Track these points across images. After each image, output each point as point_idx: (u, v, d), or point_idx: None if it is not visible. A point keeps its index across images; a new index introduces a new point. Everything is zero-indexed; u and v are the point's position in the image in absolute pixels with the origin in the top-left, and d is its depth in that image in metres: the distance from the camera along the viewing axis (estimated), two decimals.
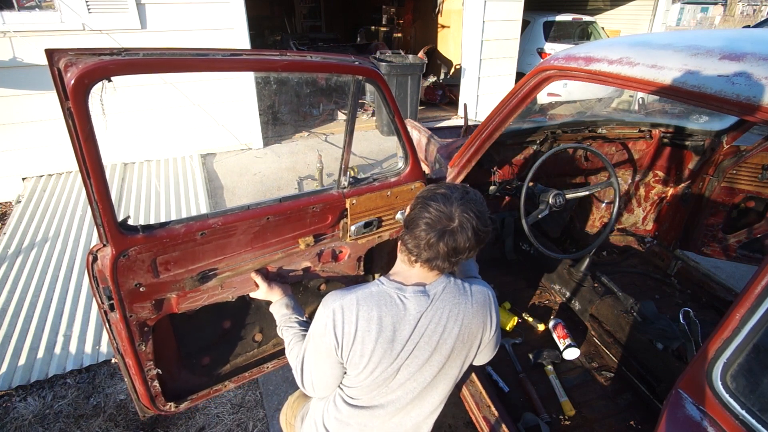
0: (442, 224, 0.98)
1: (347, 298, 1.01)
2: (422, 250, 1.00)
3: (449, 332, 1.05)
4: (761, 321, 0.79)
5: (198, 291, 1.24)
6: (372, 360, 1.01)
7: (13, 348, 2.29)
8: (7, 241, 3.11)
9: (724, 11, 28.90)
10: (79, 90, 0.89)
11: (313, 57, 1.20)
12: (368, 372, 1.02)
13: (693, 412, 0.90)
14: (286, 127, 5.76)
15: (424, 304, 1.03)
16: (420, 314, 1.03)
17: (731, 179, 2.24)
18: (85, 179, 0.97)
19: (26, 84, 3.79)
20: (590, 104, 6.33)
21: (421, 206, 1.01)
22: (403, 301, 1.02)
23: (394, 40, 9.21)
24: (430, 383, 1.09)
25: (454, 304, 1.06)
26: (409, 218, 1.04)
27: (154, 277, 1.15)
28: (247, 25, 4.48)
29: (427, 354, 1.05)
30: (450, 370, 1.11)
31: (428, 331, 1.04)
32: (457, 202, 1.00)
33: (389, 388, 1.07)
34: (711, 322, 1.55)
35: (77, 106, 0.89)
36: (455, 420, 2.08)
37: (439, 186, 1.06)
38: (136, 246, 1.10)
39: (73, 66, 0.88)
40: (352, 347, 1.00)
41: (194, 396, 1.41)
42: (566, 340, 1.91)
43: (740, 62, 0.89)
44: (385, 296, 1.02)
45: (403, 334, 1.01)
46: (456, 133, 2.74)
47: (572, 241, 2.70)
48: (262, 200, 1.30)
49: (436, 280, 1.06)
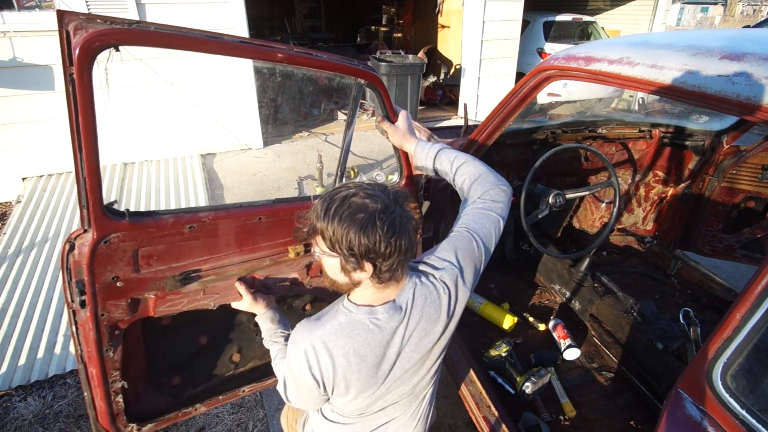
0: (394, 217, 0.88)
1: (316, 336, 0.92)
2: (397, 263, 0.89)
3: (434, 332, 1.01)
4: (761, 321, 0.79)
5: (178, 294, 1.16)
6: (358, 389, 0.97)
7: (13, 348, 2.29)
8: (7, 241, 3.11)
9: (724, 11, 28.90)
10: (86, 54, 0.87)
11: (317, 54, 1.17)
12: (357, 400, 0.99)
13: (693, 412, 0.90)
14: (286, 127, 5.76)
15: (398, 318, 0.95)
16: (397, 330, 0.96)
17: (731, 179, 2.24)
18: (76, 152, 0.92)
19: (26, 84, 3.79)
20: (590, 104, 6.33)
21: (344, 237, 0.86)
22: (377, 324, 0.93)
23: (394, 40, 9.21)
24: (425, 374, 1.08)
25: (429, 304, 0.99)
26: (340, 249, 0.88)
27: (134, 271, 1.08)
28: (247, 25, 4.49)
29: (416, 360, 1.01)
30: (441, 351, 1.09)
31: (411, 342, 0.98)
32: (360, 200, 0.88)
33: (383, 401, 1.05)
34: (711, 322, 1.55)
35: (81, 71, 0.87)
36: (455, 420, 2.08)
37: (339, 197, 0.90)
38: (119, 232, 1.02)
39: (82, 29, 0.86)
40: (334, 382, 0.95)
41: (161, 419, 1.28)
42: (566, 340, 1.91)
43: (740, 62, 0.89)
44: (356, 325, 0.93)
45: (386, 356, 0.96)
46: (456, 133, 2.74)
47: (572, 241, 2.70)
48: (256, 201, 1.24)
49: (402, 288, 0.97)
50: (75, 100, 0.89)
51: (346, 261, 0.88)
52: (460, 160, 1.26)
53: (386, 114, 1.34)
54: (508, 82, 6.53)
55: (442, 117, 6.41)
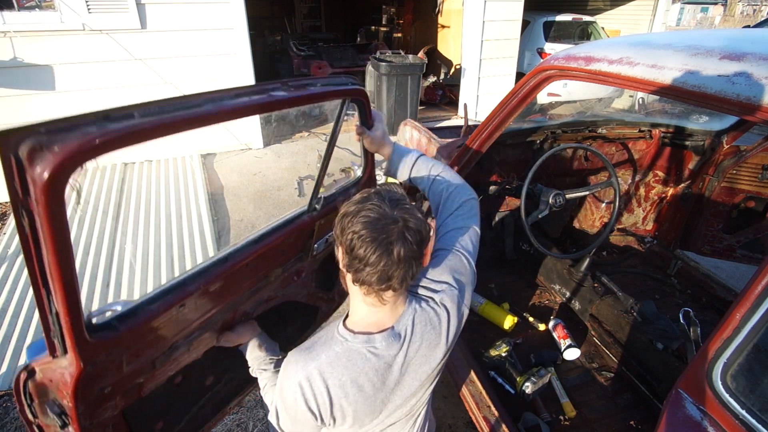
0: (391, 228, 0.84)
1: (311, 368, 0.88)
2: (395, 272, 0.85)
3: (434, 358, 0.98)
4: (761, 321, 0.79)
5: (166, 364, 1.03)
6: (355, 418, 0.93)
7: (13, 348, 2.29)
8: (7, 241, 3.11)
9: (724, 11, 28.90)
10: (57, 186, 0.59)
11: (310, 88, 1.05)
12: (354, 428, 0.96)
13: (693, 412, 0.90)
14: (286, 127, 5.76)
15: (397, 346, 0.92)
16: (396, 359, 0.93)
17: (731, 179, 2.24)
18: (41, 290, 0.66)
19: (26, 84, 3.79)
20: (590, 104, 6.33)
21: (358, 237, 0.85)
22: (375, 353, 0.90)
23: (394, 40, 9.21)
24: (422, 395, 1.05)
25: (429, 330, 0.96)
26: (353, 257, 0.86)
27: (121, 371, 0.91)
28: (247, 25, 4.49)
29: (416, 387, 0.99)
30: (439, 372, 1.07)
31: (411, 369, 0.95)
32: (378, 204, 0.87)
33: (381, 425, 1.02)
34: (711, 322, 1.55)
35: (52, 206, 0.59)
36: (455, 420, 2.08)
37: (351, 202, 0.90)
38: (109, 350, 0.82)
39: (42, 149, 0.58)
40: (332, 414, 0.91)
41: None
42: (566, 340, 1.91)
43: (740, 62, 0.89)
44: (352, 355, 0.90)
45: (385, 385, 0.93)
46: (456, 133, 2.74)
47: (572, 241, 2.70)
48: (239, 244, 1.09)
49: (401, 314, 0.94)
50: (35, 239, 0.62)
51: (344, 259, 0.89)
52: (437, 169, 1.26)
53: (364, 122, 1.29)
54: (508, 82, 6.53)
55: (442, 117, 6.41)
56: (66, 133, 0.60)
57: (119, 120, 0.65)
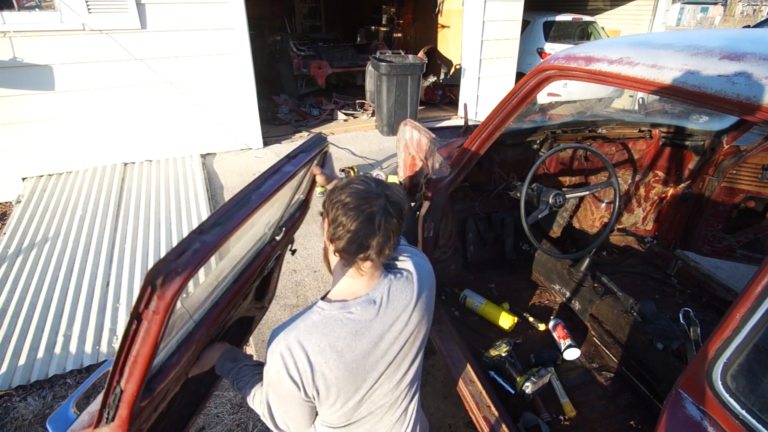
0: (373, 200, 0.92)
1: (290, 338, 0.92)
2: (373, 241, 0.91)
3: (411, 322, 1.03)
4: (761, 321, 0.79)
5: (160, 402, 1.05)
6: (338, 387, 0.96)
7: (13, 348, 2.29)
8: (7, 241, 3.11)
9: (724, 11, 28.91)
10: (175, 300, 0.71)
11: (302, 155, 1.08)
12: (339, 401, 0.98)
13: (693, 412, 0.90)
14: (286, 127, 5.76)
15: (373, 311, 0.97)
16: (373, 324, 0.97)
17: (731, 179, 2.24)
18: (117, 372, 0.77)
19: (26, 84, 3.79)
20: (590, 104, 6.33)
21: (343, 205, 0.93)
22: (351, 318, 0.95)
23: (394, 40, 9.21)
24: (406, 370, 1.08)
25: (404, 296, 1.02)
26: (337, 224, 0.93)
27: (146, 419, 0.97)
28: (247, 25, 4.49)
29: (395, 354, 1.02)
30: (420, 344, 1.11)
31: (389, 335, 0.99)
32: (365, 180, 0.96)
33: (368, 404, 1.04)
34: (711, 322, 1.55)
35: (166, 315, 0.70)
36: (455, 420, 2.07)
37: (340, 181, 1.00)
38: (146, 408, 0.89)
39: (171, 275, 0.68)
40: (314, 383, 0.93)
41: None
42: (566, 340, 1.91)
43: (740, 62, 0.89)
44: (330, 321, 0.94)
45: (363, 350, 0.96)
46: (456, 133, 2.74)
47: (572, 241, 2.70)
48: (224, 285, 1.13)
49: (377, 284, 1.00)
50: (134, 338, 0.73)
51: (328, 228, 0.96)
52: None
53: (321, 163, 1.33)
54: (508, 82, 6.53)
55: (442, 117, 6.41)
56: (181, 258, 0.69)
57: (210, 230, 0.74)
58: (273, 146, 5.12)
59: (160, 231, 3.32)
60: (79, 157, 4.21)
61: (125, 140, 4.36)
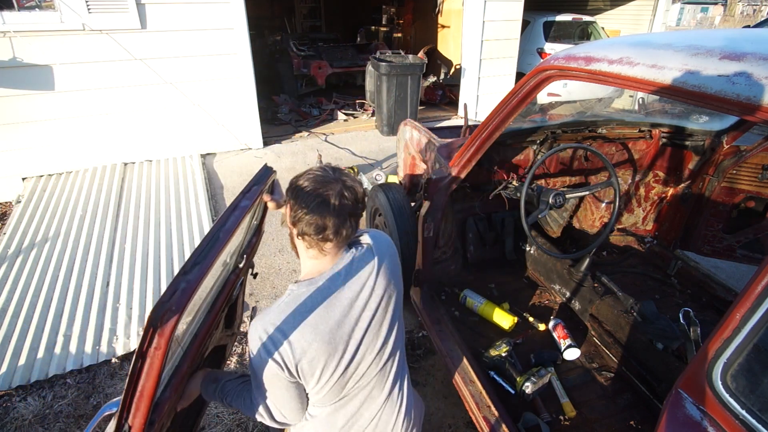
0: (330, 185, 1.00)
1: (266, 321, 0.98)
2: (329, 222, 0.98)
3: (377, 289, 1.08)
4: (761, 321, 0.79)
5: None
6: (322, 362, 0.99)
7: (13, 348, 2.29)
8: (7, 241, 3.11)
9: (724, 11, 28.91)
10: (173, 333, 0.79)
11: (255, 188, 1.15)
12: (325, 376, 1.01)
13: (693, 412, 0.90)
14: (286, 127, 5.76)
15: (339, 282, 1.04)
16: (342, 293, 1.03)
17: (731, 179, 2.24)
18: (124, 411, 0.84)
19: (26, 84, 3.79)
20: (590, 104, 6.33)
21: (301, 190, 1.01)
22: (319, 290, 1.02)
23: (394, 40, 9.21)
24: (386, 338, 1.12)
25: (366, 265, 1.09)
26: (296, 207, 1.01)
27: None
28: (247, 25, 4.48)
29: (369, 319, 1.06)
30: (394, 311, 1.14)
31: (359, 302, 1.05)
32: (323, 167, 1.05)
33: (355, 378, 1.07)
34: (711, 322, 1.55)
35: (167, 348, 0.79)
36: (455, 420, 2.08)
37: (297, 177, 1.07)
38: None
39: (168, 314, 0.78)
40: (295, 360, 0.97)
41: None
42: (566, 340, 1.91)
43: (740, 62, 0.89)
44: (299, 298, 1.01)
45: (337, 320, 1.01)
46: (456, 133, 2.74)
47: (572, 241, 2.70)
48: (200, 318, 1.20)
49: (340, 258, 1.07)
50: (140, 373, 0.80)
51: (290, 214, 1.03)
52: None
53: (270, 191, 1.37)
54: (508, 82, 6.53)
55: (442, 117, 6.40)
56: (173, 298, 0.78)
57: (192, 270, 0.84)
58: (273, 146, 5.12)
59: (160, 231, 3.32)
60: (79, 157, 4.21)
61: (125, 140, 4.35)
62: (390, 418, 1.18)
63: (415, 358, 2.39)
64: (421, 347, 2.45)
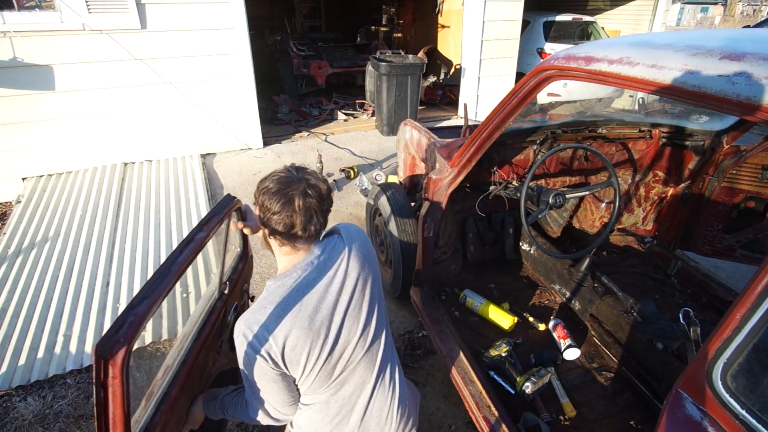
0: (294, 184, 1.04)
1: (247, 319, 1.02)
2: (296, 220, 1.03)
3: (351, 272, 1.12)
4: (761, 321, 0.79)
5: None
6: (306, 349, 1.02)
7: (13, 348, 2.29)
8: (7, 241, 3.11)
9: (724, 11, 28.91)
10: (127, 362, 0.82)
11: (214, 218, 1.18)
12: (311, 362, 1.04)
13: (693, 412, 0.90)
14: (286, 127, 5.76)
15: (313, 270, 1.08)
16: (316, 280, 1.07)
17: (731, 179, 2.24)
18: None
19: (26, 84, 3.79)
20: (590, 104, 6.33)
21: (267, 191, 1.05)
22: (294, 281, 1.06)
23: (394, 40, 9.21)
24: (367, 320, 1.14)
25: (337, 251, 1.13)
26: (264, 208, 1.05)
27: None
28: (247, 25, 4.48)
29: (347, 302, 1.09)
30: (372, 293, 1.17)
31: (334, 286, 1.08)
32: (287, 168, 1.09)
33: (342, 362, 1.09)
34: (711, 322, 1.55)
35: (123, 377, 0.81)
36: (455, 420, 2.07)
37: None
38: None
39: (117, 345, 0.80)
40: (278, 351, 1.00)
41: None
42: (566, 340, 1.91)
43: (740, 62, 0.89)
44: (276, 291, 1.05)
45: (314, 305, 1.04)
46: (456, 133, 2.74)
47: (572, 241, 2.70)
48: (185, 345, 1.23)
49: (311, 250, 1.11)
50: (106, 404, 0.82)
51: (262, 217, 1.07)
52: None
53: (242, 218, 1.39)
54: (508, 82, 6.53)
55: (442, 117, 6.40)
56: (120, 331, 0.82)
57: (140, 304, 0.87)
58: (273, 146, 5.12)
59: (160, 231, 3.32)
60: (79, 157, 4.21)
61: (125, 140, 4.35)
62: (384, 405, 1.19)
63: (415, 358, 2.39)
64: (421, 347, 2.45)
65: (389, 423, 1.20)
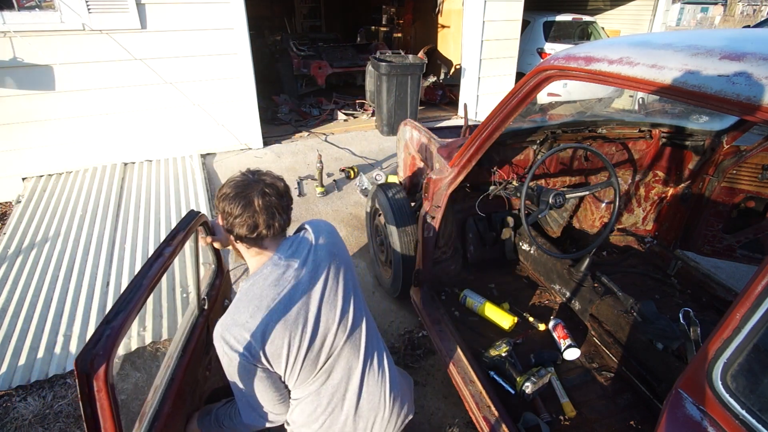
0: (251, 186, 1.05)
1: (224, 321, 1.04)
2: (259, 219, 1.04)
3: (322, 262, 1.13)
4: (761, 321, 0.79)
5: None
6: (286, 341, 1.03)
7: (13, 348, 2.29)
8: (7, 241, 3.11)
9: (724, 11, 28.91)
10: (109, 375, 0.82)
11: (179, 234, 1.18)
12: (293, 354, 1.05)
13: (693, 412, 0.90)
14: (286, 127, 5.76)
15: (282, 265, 1.09)
16: (286, 274, 1.08)
17: (731, 179, 2.24)
18: None
19: (26, 84, 3.79)
20: (590, 104, 6.33)
21: (226, 197, 1.06)
22: (266, 277, 1.07)
23: (394, 40, 9.20)
24: (345, 306, 1.15)
25: (305, 243, 1.15)
26: (226, 214, 1.06)
27: None
28: (247, 25, 4.48)
29: (320, 293, 1.11)
30: (346, 281, 1.18)
31: (304, 278, 1.09)
32: (243, 173, 1.11)
33: (326, 350, 1.11)
34: (711, 322, 1.55)
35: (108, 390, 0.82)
36: (455, 420, 2.08)
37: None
38: None
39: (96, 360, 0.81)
40: (257, 347, 1.01)
41: None
42: (566, 340, 1.91)
43: (740, 62, 0.89)
44: (250, 290, 1.06)
45: (286, 299, 1.06)
46: (456, 133, 2.74)
47: (572, 241, 2.70)
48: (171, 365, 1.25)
49: (279, 246, 1.13)
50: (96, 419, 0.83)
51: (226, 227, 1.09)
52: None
53: (210, 233, 1.40)
54: (508, 82, 6.52)
55: (442, 117, 6.40)
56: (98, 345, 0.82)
57: (115, 318, 0.88)
58: (273, 146, 5.11)
59: (160, 231, 3.31)
60: (79, 157, 4.20)
61: (125, 140, 4.35)
62: (376, 390, 1.20)
63: (415, 358, 2.39)
64: (421, 347, 2.45)
65: (382, 407, 1.21)
